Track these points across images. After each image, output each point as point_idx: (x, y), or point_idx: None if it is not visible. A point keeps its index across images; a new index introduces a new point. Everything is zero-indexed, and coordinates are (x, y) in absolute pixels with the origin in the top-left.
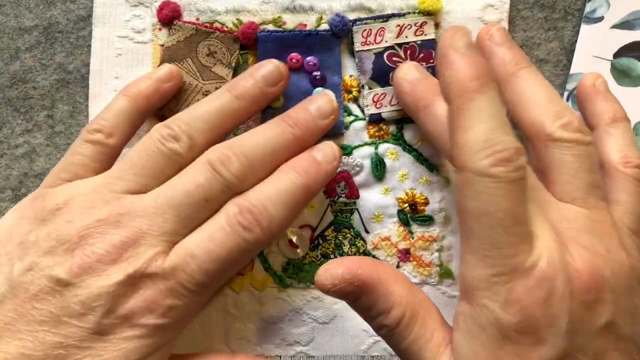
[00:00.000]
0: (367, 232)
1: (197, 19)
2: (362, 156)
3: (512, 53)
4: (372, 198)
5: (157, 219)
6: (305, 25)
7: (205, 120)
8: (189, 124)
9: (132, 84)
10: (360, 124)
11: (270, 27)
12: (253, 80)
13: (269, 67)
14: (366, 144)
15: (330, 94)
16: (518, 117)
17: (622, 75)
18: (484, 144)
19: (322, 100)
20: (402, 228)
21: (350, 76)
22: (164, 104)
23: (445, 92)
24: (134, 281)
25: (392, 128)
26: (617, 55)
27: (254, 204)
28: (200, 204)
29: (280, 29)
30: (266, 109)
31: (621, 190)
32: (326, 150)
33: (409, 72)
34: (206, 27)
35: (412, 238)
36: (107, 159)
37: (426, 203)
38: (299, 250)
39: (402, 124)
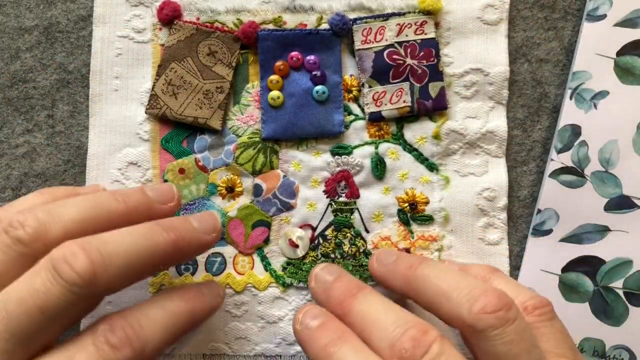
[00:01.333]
0: (367, 231)
1: (198, 19)
2: (362, 156)
3: (404, 261)
4: (372, 197)
5: None
6: (306, 25)
7: (69, 211)
8: (48, 211)
9: (55, 187)
10: (361, 123)
11: (271, 26)
12: (141, 190)
13: (165, 187)
14: (366, 143)
15: (216, 214)
16: (439, 315)
17: (625, 73)
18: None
19: (205, 216)
20: (402, 227)
21: (351, 76)
22: (161, 105)
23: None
24: None
25: (393, 127)
26: (620, 53)
27: (128, 321)
28: (36, 315)
29: (281, 29)
30: (267, 109)
31: (539, 340)
32: (212, 286)
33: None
34: (207, 26)
35: (412, 237)
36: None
37: (426, 203)
38: (299, 250)
39: (402, 123)
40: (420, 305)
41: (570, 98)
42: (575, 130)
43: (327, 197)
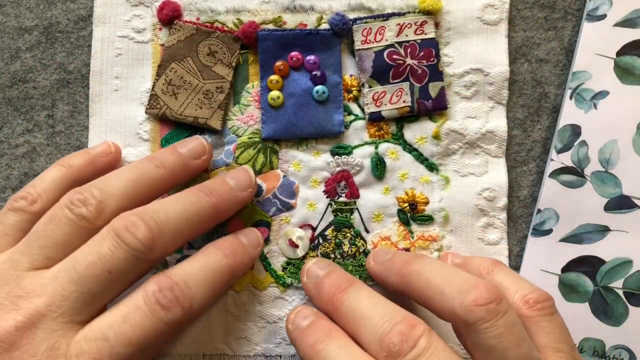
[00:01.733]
0: (367, 231)
1: (198, 19)
2: (362, 156)
3: (398, 257)
4: (372, 197)
5: (56, 298)
6: (306, 25)
7: (118, 186)
8: (100, 188)
9: (69, 156)
10: (361, 123)
11: (271, 26)
12: (174, 151)
13: (193, 141)
14: (366, 143)
15: (249, 169)
16: (432, 309)
17: (625, 73)
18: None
19: (240, 173)
20: (402, 227)
21: (351, 76)
22: (161, 105)
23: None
24: None
25: (392, 127)
26: (620, 53)
27: (175, 281)
28: (103, 276)
29: (281, 29)
30: (267, 109)
31: (538, 334)
32: (251, 235)
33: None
34: (207, 26)
35: (412, 237)
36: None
37: (426, 203)
38: (299, 250)
39: (402, 123)
40: (415, 300)
41: (570, 98)
42: (575, 130)
43: (327, 197)
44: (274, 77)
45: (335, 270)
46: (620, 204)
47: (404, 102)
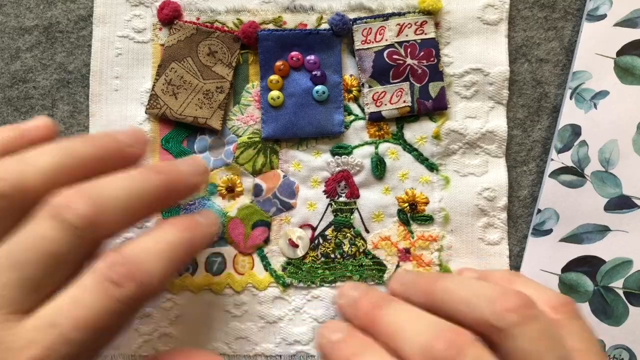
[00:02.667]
0: (367, 231)
1: (198, 19)
2: (362, 155)
3: (424, 278)
4: (372, 197)
5: None
6: (306, 25)
7: (40, 159)
8: (23, 161)
9: None
10: (361, 123)
11: (271, 26)
12: (110, 136)
13: (131, 131)
14: (366, 143)
15: (199, 158)
16: (462, 322)
17: (625, 73)
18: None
19: (192, 160)
20: (402, 227)
21: (351, 76)
22: (161, 105)
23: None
24: None
25: (393, 127)
26: (620, 53)
27: (126, 255)
28: (45, 260)
29: (281, 29)
30: (267, 109)
31: (568, 337)
32: (207, 215)
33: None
34: (207, 26)
35: (412, 237)
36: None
37: (426, 203)
38: (299, 250)
39: (402, 123)
40: (444, 316)
41: (571, 98)
42: (575, 130)
43: (327, 197)
44: (274, 77)
45: (371, 290)
46: (620, 203)
47: (404, 102)
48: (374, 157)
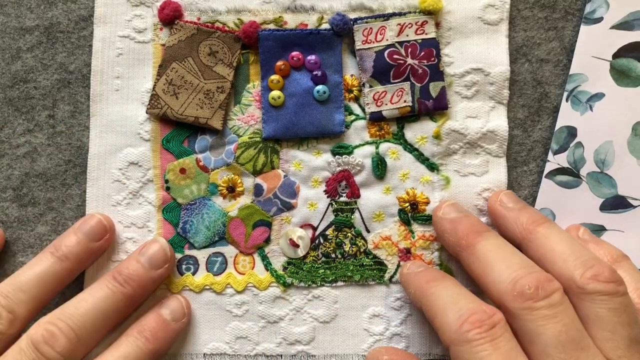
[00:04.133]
0: (368, 231)
1: (199, 19)
2: (363, 155)
3: (527, 213)
4: (373, 197)
5: None
6: (306, 25)
7: (24, 290)
8: (8, 296)
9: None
10: (361, 123)
11: (272, 26)
12: (76, 238)
13: (92, 221)
14: (367, 143)
15: (162, 241)
16: (551, 271)
17: (621, 75)
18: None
19: (153, 250)
20: (402, 227)
21: (351, 75)
22: (162, 105)
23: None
24: None
25: (393, 127)
26: (616, 55)
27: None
28: None
29: (282, 29)
30: (268, 109)
31: None
32: (174, 306)
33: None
34: (207, 26)
35: (413, 237)
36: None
37: (427, 202)
38: (299, 250)
39: (403, 123)
40: (532, 259)
41: (567, 100)
42: (571, 132)
43: (327, 197)
44: (274, 77)
45: (472, 215)
46: (615, 204)
47: (405, 101)
48: (374, 157)
